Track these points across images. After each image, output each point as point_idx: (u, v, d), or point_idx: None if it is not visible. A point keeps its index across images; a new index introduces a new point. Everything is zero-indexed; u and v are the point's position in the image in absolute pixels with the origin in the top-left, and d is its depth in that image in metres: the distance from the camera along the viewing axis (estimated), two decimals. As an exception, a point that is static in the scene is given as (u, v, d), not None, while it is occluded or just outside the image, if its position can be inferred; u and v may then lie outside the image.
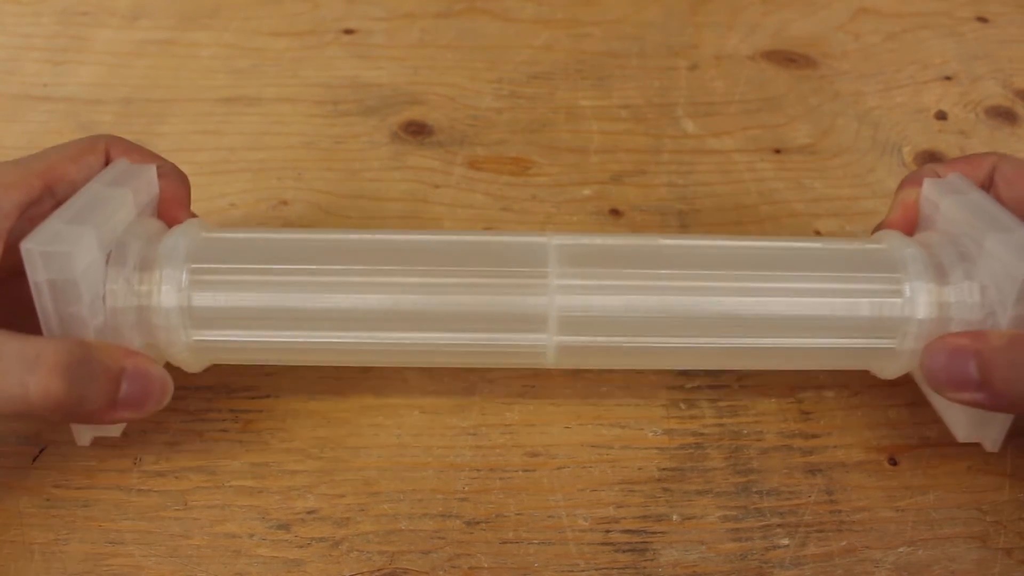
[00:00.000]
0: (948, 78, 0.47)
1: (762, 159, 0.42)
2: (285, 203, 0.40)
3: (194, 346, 0.28)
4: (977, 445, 0.29)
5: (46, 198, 0.28)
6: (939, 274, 0.28)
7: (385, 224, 0.39)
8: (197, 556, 0.28)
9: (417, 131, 0.44)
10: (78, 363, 0.24)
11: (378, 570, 0.28)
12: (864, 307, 0.28)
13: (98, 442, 0.31)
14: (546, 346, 0.28)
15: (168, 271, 0.27)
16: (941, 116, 0.45)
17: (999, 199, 0.30)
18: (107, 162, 0.30)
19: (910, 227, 0.31)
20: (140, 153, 0.30)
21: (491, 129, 0.44)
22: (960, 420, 0.29)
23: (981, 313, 0.27)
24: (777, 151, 0.43)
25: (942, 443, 0.31)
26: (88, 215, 0.26)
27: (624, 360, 0.31)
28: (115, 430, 0.29)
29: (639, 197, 0.40)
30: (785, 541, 0.29)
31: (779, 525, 0.29)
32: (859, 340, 0.29)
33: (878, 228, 0.33)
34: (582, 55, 0.48)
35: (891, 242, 0.30)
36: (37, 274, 0.25)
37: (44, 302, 0.25)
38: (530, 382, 0.33)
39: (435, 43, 0.49)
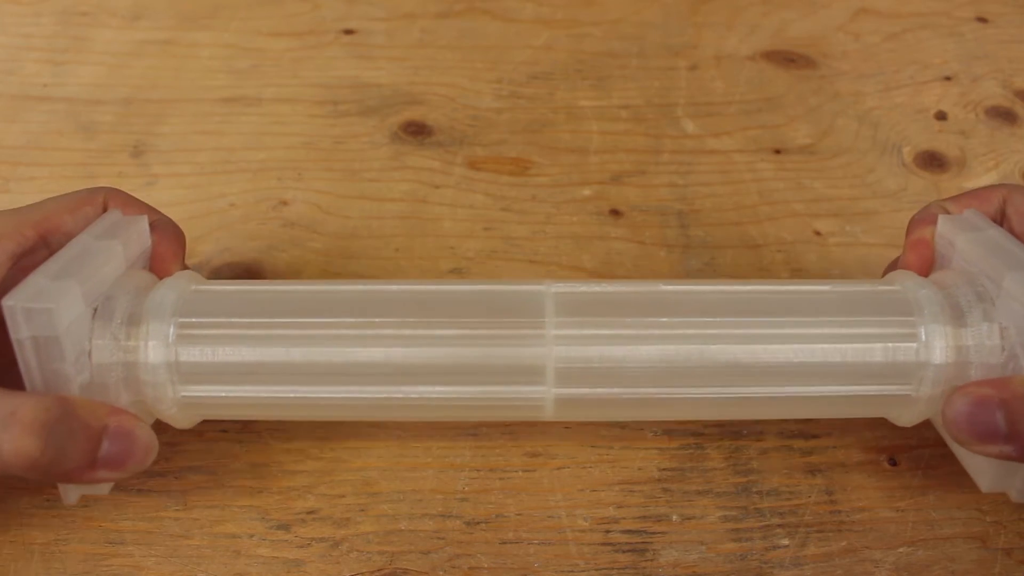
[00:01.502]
0: (948, 78, 0.47)
1: (762, 159, 0.42)
2: (285, 203, 0.40)
3: (183, 402, 0.27)
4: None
5: (40, 249, 0.27)
6: (956, 316, 0.27)
7: (385, 224, 0.39)
8: (197, 556, 0.28)
9: (417, 131, 0.44)
10: (56, 420, 0.23)
11: (378, 570, 0.28)
12: (877, 352, 0.27)
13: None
14: (544, 399, 0.27)
15: (155, 325, 0.26)
16: (941, 116, 0.45)
17: (1012, 233, 0.28)
18: (103, 212, 0.29)
19: (926, 267, 0.30)
20: (137, 206, 0.30)
21: (491, 129, 0.44)
22: (984, 470, 0.27)
23: (1002, 356, 0.26)
24: (777, 151, 0.43)
25: (942, 443, 0.31)
26: (74, 269, 0.25)
27: (626, 412, 0.30)
28: (103, 488, 0.27)
29: (639, 197, 0.40)
30: (785, 541, 0.29)
31: (779, 525, 0.29)
32: (873, 387, 0.27)
33: (889, 269, 0.31)
34: (582, 55, 0.48)
35: (904, 283, 0.28)
36: (19, 331, 0.24)
37: (27, 359, 0.24)
38: (530, 382, 0.33)
39: (435, 43, 0.49)
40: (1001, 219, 0.29)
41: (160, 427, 0.31)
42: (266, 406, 0.28)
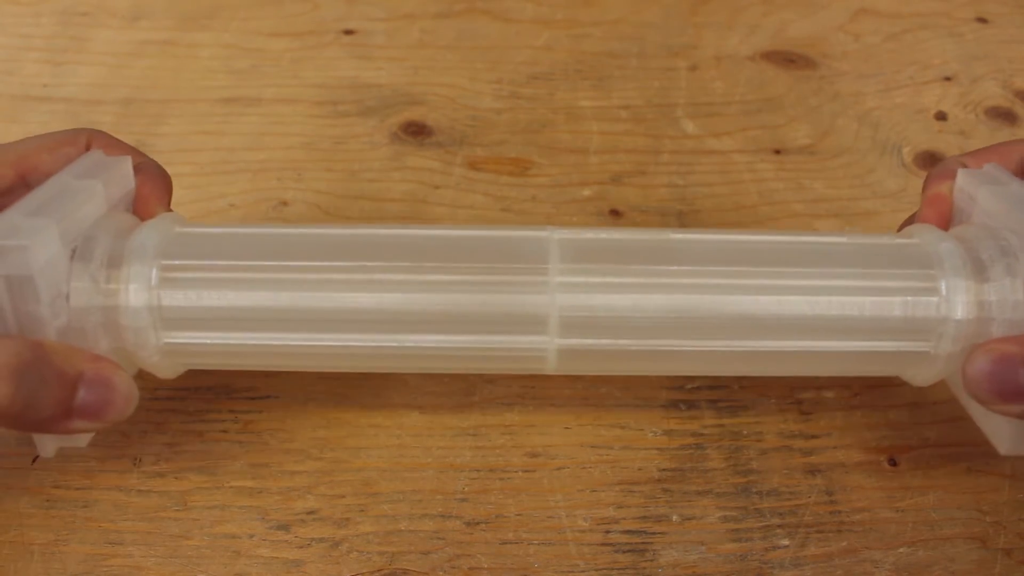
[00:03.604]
0: (948, 78, 0.47)
1: (762, 159, 0.42)
2: (285, 204, 0.40)
3: (165, 349, 0.26)
4: (977, 445, 0.29)
5: (19, 188, 0.26)
6: (978, 270, 0.26)
7: (385, 224, 0.39)
8: (197, 556, 0.28)
9: (417, 131, 0.44)
10: (27, 365, 0.22)
11: (378, 570, 0.28)
12: (895, 307, 0.26)
13: (98, 442, 0.31)
14: (546, 349, 0.26)
15: (137, 267, 0.25)
16: (941, 116, 0.45)
17: None
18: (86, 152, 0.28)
19: (944, 223, 0.29)
20: (121, 148, 0.29)
21: (491, 129, 0.44)
22: (1003, 432, 0.26)
23: None
24: (777, 151, 0.43)
25: (942, 444, 0.31)
26: (52, 207, 0.24)
27: (631, 365, 0.28)
28: (81, 440, 0.26)
29: (639, 198, 0.40)
30: (785, 542, 0.29)
31: (779, 526, 0.29)
32: (890, 343, 0.26)
33: (904, 226, 0.30)
34: (582, 55, 0.48)
35: (924, 236, 0.27)
36: None
37: (3, 302, 0.23)
38: (530, 383, 0.33)
39: (435, 43, 0.49)
40: (1021, 174, 0.28)
41: (160, 427, 0.31)
42: (252, 354, 0.26)
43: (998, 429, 0.27)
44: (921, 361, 0.27)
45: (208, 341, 0.26)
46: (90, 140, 0.28)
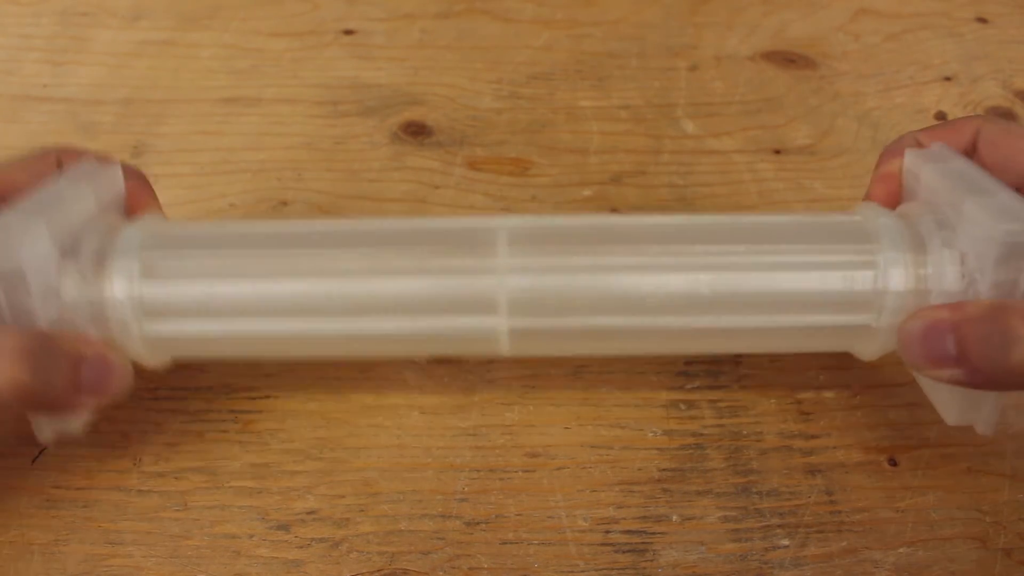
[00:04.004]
0: (948, 79, 0.47)
1: (762, 159, 0.42)
2: (285, 204, 0.40)
3: (149, 339, 0.27)
4: (977, 445, 0.29)
5: None
6: (916, 244, 0.27)
7: (385, 224, 0.39)
8: (197, 557, 0.28)
9: (417, 131, 0.44)
10: (39, 349, 0.24)
11: (378, 570, 0.28)
12: (836, 280, 0.27)
13: (98, 442, 0.31)
14: (497, 330, 0.27)
15: (121, 261, 0.26)
16: (941, 117, 0.45)
17: (983, 164, 0.28)
18: (59, 169, 0.29)
19: (892, 201, 0.30)
20: (89, 157, 0.30)
21: (491, 129, 0.44)
22: (949, 402, 0.27)
23: (962, 283, 0.26)
24: (777, 151, 0.43)
25: (942, 444, 0.31)
26: (43, 208, 0.25)
27: (581, 344, 0.29)
28: (76, 425, 0.28)
29: (639, 198, 0.40)
30: (785, 542, 0.29)
31: (779, 526, 0.29)
32: (833, 317, 0.27)
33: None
34: (582, 55, 0.48)
35: (865, 213, 0.28)
36: None
37: None
38: (530, 383, 0.33)
39: (435, 43, 0.49)
40: (972, 151, 0.29)
41: (160, 427, 0.31)
42: (226, 341, 0.28)
43: (944, 400, 0.27)
44: (865, 335, 0.28)
45: (187, 328, 0.27)
46: (60, 156, 0.29)
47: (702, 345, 0.30)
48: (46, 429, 0.27)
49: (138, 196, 0.30)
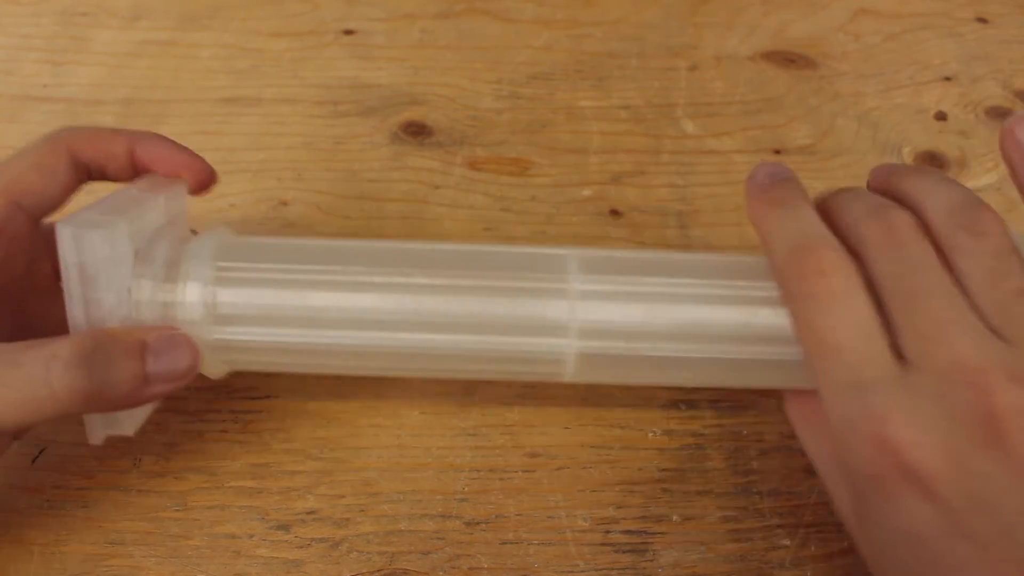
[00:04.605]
0: (948, 79, 0.47)
1: (762, 160, 0.42)
2: (285, 204, 0.40)
3: (215, 344, 0.27)
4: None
5: (16, 214, 0.27)
6: None
7: (385, 225, 0.39)
8: (197, 557, 0.28)
9: (417, 131, 0.44)
10: (92, 349, 0.24)
11: (378, 570, 0.28)
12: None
13: (98, 442, 0.31)
14: (565, 354, 0.27)
15: (193, 267, 0.27)
16: (941, 117, 0.45)
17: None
18: (71, 160, 0.28)
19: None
20: (101, 136, 0.29)
21: (491, 130, 0.44)
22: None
23: None
24: (777, 152, 0.43)
25: (942, 444, 0.31)
26: (122, 210, 0.26)
27: (642, 374, 0.29)
28: (129, 425, 0.28)
29: (639, 198, 0.40)
30: (785, 542, 0.29)
31: (779, 526, 0.29)
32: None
33: None
34: (582, 55, 0.48)
35: None
36: (68, 255, 0.25)
37: (71, 285, 0.25)
38: (530, 383, 0.33)
39: (435, 43, 0.49)
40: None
41: (160, 427, 0.31)
42: (297, 352, 0.28)
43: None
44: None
45: (254, 338, 0.27)
46: (69, 144, 0.28)
47: (762, 378, 0.29)
48: (98, 431, 0.27)
49: (158, 153, 0.29)
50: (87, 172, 0.29)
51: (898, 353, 0.23)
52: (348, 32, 0.50)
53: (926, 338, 0.22)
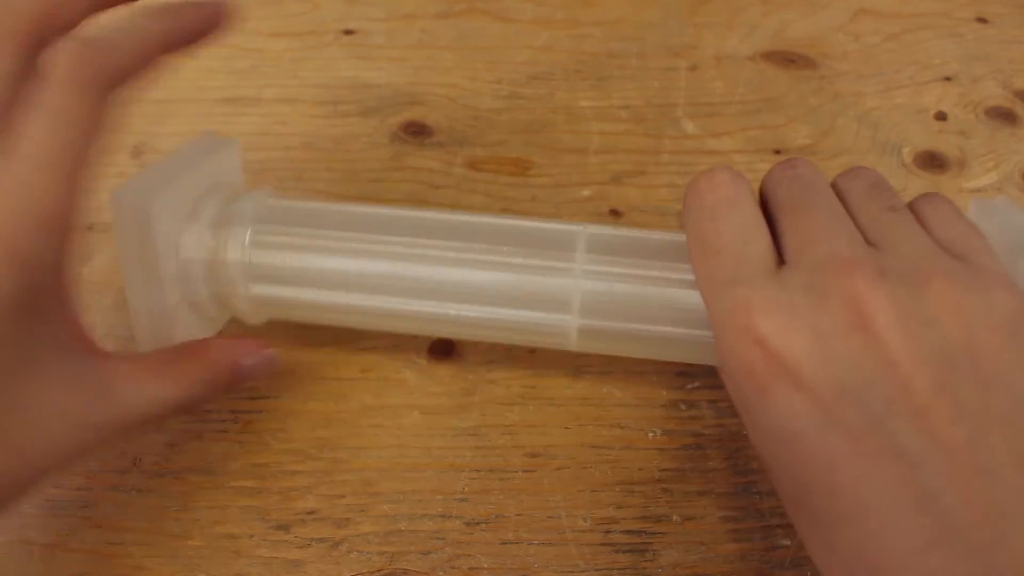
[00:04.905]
0: (948, 79, 0.47)
1: (762, 160, 0.42)
2: (285, 203, 0.40)
3: (252, 298, 0.30)
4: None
5: (50, 36, 0.25)
6: None
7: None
8: (197, 557, 0.28)
9: (417, 132, 0.44)
10: (200, 398, 0.27)
11: (378, 571, 0.28)
12: None
13: (98, 442, 0.31)
14: (569, 327, 0.29)
15: (235, 229, 0.30)
16: (941, 117, 0.45)
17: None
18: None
19: None
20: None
21: (491, 130, 0.44)
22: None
23: None
24: (777, 152, 0.43)
25: (942, 444, 0.31)
26: (173, 174, 0.29)
27: (641, 348, 0.30)
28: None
29: (639, 198, 0.40)
30: (786, 542, 0.29)
31: (779, 526, 0.29)
32: None
33: None
34: (582, 56, 0.48)
35: None
36: (123, 221, 0.27)
37: (126, 248, 0.28)
38: (530, 383, 0.33)
39: (435, 43, 0.49)
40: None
41: (160, 428, 0.31)
42: (323, 308, 0.30)
43: None
44: None
45: (287, 295, 0.30)
46: (18, 37, 0.25)
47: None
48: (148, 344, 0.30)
49: (174, 29, 0.30)
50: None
51: (781, 260, 0.24)
52: (348, 32, 0.50)
53: (805, 240, 0.23)
